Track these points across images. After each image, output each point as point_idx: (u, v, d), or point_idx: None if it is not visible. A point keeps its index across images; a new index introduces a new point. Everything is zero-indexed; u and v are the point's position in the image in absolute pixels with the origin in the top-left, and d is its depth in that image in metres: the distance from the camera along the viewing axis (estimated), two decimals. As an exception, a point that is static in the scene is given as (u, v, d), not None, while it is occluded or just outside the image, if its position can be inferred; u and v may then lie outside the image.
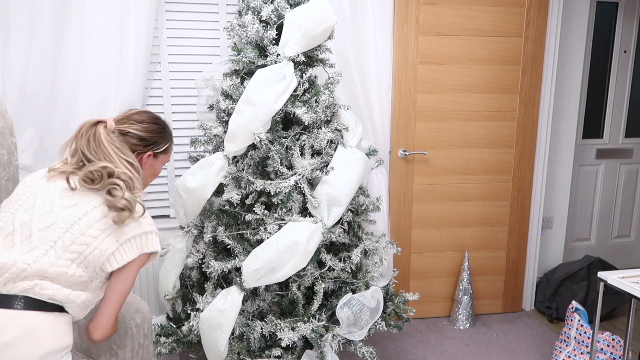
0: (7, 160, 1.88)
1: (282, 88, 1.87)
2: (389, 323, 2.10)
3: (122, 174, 1.33)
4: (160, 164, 1.57)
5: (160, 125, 1.53)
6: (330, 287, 2.04)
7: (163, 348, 2.01)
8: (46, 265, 1.26)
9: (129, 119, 1.46)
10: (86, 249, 1.28)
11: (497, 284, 3.09)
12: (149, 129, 1.48)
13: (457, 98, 2.83)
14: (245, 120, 1.86)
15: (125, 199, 1.29)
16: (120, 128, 1.43)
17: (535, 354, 2.66)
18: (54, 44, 2.26)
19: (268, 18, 1.96)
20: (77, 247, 1.28)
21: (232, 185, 1.98)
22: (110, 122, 1.41)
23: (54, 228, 1.28)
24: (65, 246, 1.27)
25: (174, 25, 2.55)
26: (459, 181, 2.93)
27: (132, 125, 1.45)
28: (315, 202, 1.91)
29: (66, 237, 1.28)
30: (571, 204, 3.43)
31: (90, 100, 2.34)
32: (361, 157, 2.05)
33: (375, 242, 2.13)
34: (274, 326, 1.86)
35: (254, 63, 1.99)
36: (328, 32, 2.02)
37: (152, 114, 1.53)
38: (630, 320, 2.00)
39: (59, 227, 1.28)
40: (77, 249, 1.28)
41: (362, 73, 2.65)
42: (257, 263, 1.81)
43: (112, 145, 1.36)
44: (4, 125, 1.86)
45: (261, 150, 1.93)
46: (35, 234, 1.28)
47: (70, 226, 1.28)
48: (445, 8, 2.71)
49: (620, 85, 3.46)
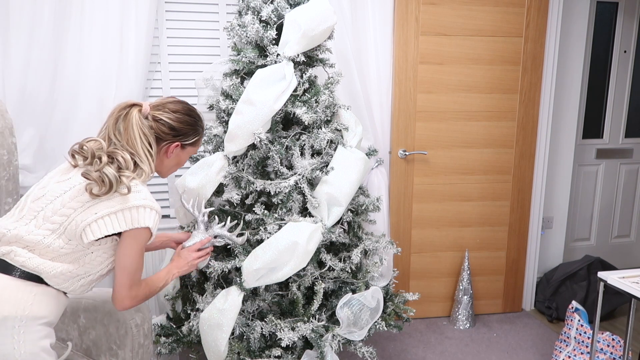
0: (7, 160, 1.88)
1: (282, 88, 1.87)
2: (389, 323, 2.10)
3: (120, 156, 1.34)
4: (187, 155, 1.57)
5: (194, 117, 1.53)
6: (330, 287, 2.04)
7: (163, 348, 2.01)
8: (23, 232, 1.30)
9: (163, 107, 1.47)
10: (65, 220, 1.30)
11: (497, 284, 3.09)
12: (181, 120, 1.48)
13: (457, 98, 2.83)
14: (245, 120, 1.86)
15: (98, 172, 1.28)
16: (154, 114, 1.44)
17: (535, 354, 2.66)
18: (54, 44, 2.26)
19: (268, 18, 1.95)
20: (58, 217, 1.30)
21: (232, 185, 1.98)
22: (145, 105, 1.43)
23: (43, 199, 1.33)
24: (47, 216, 1.31)
25: (174, 25, 2.55)
26: (459, 181, 2.93)
27: (165, 113, 1.46)
28: (315, 202, 1.91)
29: (49, 208, 1.32)
30: (571, 204, 3.43)
31: (90, 100, 2.34)
32: (361, 157, 2.05)
33: (375, 242, 2.13)
34: (274, 326, 1.86)
35: (254, 63, 1.99)
36: (328, 32, 2.02)
37: (187, 105, 1.53)
38: (630, 320, 2.00)
39: (47, 198, 1.33)
40: (57, 219, 1.31)
41: (362, 73, 2.65)
42: (257, 263, 1.81)
43: (140, 131, 1.38)
44: (4, 125, 1.86)
45: (261, 150, 1.93)
46: (27, 205, 1.35)
47: (55, 198, 1.32)
48: (445, 8, 2.71)
49: (620, 85, 3.46)
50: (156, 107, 1.46)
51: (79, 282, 1.37)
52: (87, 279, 1.39)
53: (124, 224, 1.32)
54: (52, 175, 1.41)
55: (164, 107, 1.47)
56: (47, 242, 1.30)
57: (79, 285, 1.38)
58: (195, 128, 1.54)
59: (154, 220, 1.36)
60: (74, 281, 1.36)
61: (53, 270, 1.30)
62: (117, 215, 1.31)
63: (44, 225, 1.31)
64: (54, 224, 1.31)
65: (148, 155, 1.40)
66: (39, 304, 1.29)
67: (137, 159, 1.38)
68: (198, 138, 1.57)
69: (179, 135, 1.49)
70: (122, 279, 1.38)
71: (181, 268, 1.64)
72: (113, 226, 1.31)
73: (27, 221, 1.33)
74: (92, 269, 1.38)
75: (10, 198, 1.92)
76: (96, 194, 1.28)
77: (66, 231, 1.31)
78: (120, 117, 1.38)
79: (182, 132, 1.49)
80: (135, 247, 1.37)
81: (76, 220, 1.30)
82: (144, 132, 1.39)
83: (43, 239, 1.30)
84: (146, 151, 1.39)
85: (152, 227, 1.36)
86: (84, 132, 2.35)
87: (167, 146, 1.48)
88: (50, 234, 1.31)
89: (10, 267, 1.29)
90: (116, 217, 1.31)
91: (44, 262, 1.30)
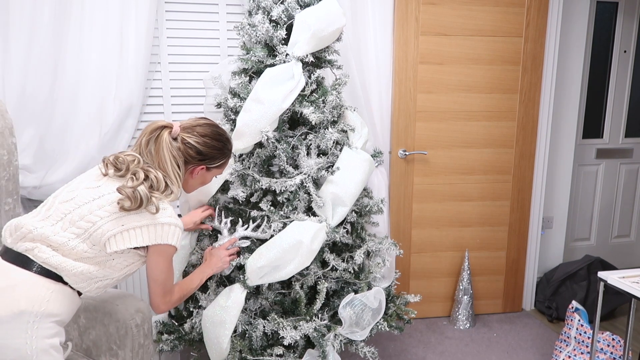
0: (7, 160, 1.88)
1: (291, 87, 1.88)
2: (391, 324, 2.10)
3: (153, 175, 1.39)
4: (211, 176, 1.62)
5: (222, 142, 1.57)
6: (332, 286, 2.04)
7: (165, 345, 2.01)
8: (49, 232, 1.34)
9: (192, 130, 1.50)
10: (91, 226, 1.34)
11: (497, 284, 3.09)
12: (209, 145, 1.52)
13: (457, 98, 2.83)
14: (253, 118, 1.87)
15: (132, 189, 1.33)
16: (184, 137, 1.48)
17: (535, 354, 2.66)
18: (54, 44, 2.26)
19: (278, 18, 1.96)
20: (84, 223, 1.34)
21: (238, 183, 1.99)
22: (176, 127, 1.47)
23: (71, 203, 1.37)
24: (73, 220, 1.35)
25: (174, 25, 2.54)
26: (459, 181, 2.93)
27: (194, 137, 1.49)
28: (321, 201, 1.91)
29: (76, 212, 1.36)
30: (571, 204, 3.44)
31: (90, 100, 2.34)
32: (366, 158, 2.06)
33: (378, 244, 2.14)
34: (277, 324, 1.86)
35: (263, 62, 1.99)
36: (337, 34, 2.03)
37: (216, 130, 1.56)
38: (630, 320, 2.00)
39: (75, 202, 1.37)
40: (83, 225, 1.34)
41: (362, 73, 2.65)
42: (261, 261, 1.81)
43: (170, 154, 1.43)
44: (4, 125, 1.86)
45: (268, 149, 1.95)
46: (55, 206, 1.39)
47: (84, 204, 1.36)
48: (445, 8, 2.71)
49: (620, 85, 3.46)
50: (186, 129, 1.49)
51: (96, 284, 1.41)
52: (104, 282, 1.42)
53: (148, 239, 1.38)
54: (82, 179, 1.45)
55: (193, 130, 1.50)
56: (71, 245, 1.34)
57: (95, 287, 1.42)
58: (223, 152, 1.58)
59: (178, 237, 1.43)
60: (91, 282, 1.39)
61: (74, 269, 1.33)
62: (142, 229, 1.37)
63: (70, 228, 1.35)
64: (79, 229, 1.35)
65: (177, 178, 1.45)
66: (55, 301, 1.32)
67: (168, 181, 1.43)
68: (224, 161, 1.61)
69: (206, 159, 1.53)
70: (155, 289, 1.48)
71: (214, 266, 1.77)
72: (137, 240, 1.36)
73: (53, 222, 1.36)
74: (112, 273, 1.42)
75: (10, 198, 1.92)
76: (126, 209, 1.33)
77: (91, 237, 1.34)
78: (151, 139, 1.43)
79: (208, 156, 1.53)
80: (162, 261, 1.44)
81: (102, 228, 1.34)
82: (174, 154, 1.44)
83: (68, 242, 1.34)
84: (176, 173, 1.45)
85: (176, 244, 1.43)
86: (84, 132, 2.35)
87: (192, 168, 1.53)
88: (75, 237, 1.35)
89: (30, 262, 1.32)
90: (141, 232, 1.37)
91: (66, 260, 1.33)
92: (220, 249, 1.82)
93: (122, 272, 1.44)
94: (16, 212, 1.94)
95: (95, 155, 2.34)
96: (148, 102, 2.57)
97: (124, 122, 2.41)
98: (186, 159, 1.49)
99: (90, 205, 1.36)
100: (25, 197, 2.29)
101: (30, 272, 1.31)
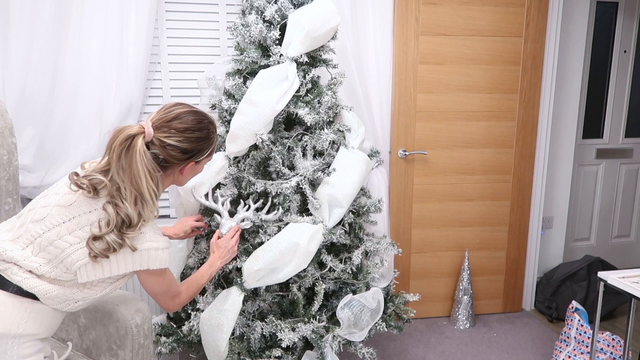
0: (7, 160, 1.88)
1: (285, 89, 1.86)
2: (390, 324, 2.10)
3: (123, 211, 1.21)
4: (202, 166, 1.43)
5: (206, 129, 1.34)
6: (330, 287, 2.04)
7: (163, 348, 2.01)
8: (19, 257, 1.24)
9: (169, 127, 1.26)
10: (60, 252, 1.23)
11: (497, 284, 3.09)
12: (192, 139, 1.29)
13: (457, 98, 2.83)
14: (247, 121, 1.85)
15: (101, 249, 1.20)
16: (160, 137, 1.24)
17: (535, 354, 2.66)
18: (54, 44, 2.26)
19: (271, 18, 1.95)
20: (53, 249, 1.23)
21: (230, 185, 1.98)
22: (148, 129, 1.23)
23: (41, 224, 1.25)
24: (43, 245, 1.24)
25: (174, 25, 2.54)
26: (459, 181, 2.93)
27: (172, 136, 1.26)
28: (317, 203, 1.90)
29: (45, 236, 1.24)
30: (571, 204, 3.43)
31: (90, 100, 2.34)
32: (363, 158, 2.05)
33: (376, 244, 2.13)
34: (275, 327, 1.86)
35: (257, 63, 1.98)
36: (332, 33, 2.02)
37: (196, 116, 1.32)
38: (630, 320, 2.00)
39: (45, 225, 1.25)
40: (52, 250, 1.23)
41: (362, 73, 2.65)
42: (258, 264, 1.80)
43: (145, 169, 1.21)
44: (4, 125, 1.86)
45: (263, 151, 1.93)
46: (26, 225, 1.27)
47: (54, 226, 1.24)
48: (445, 8, 2.71)
49: (620, 85, 3.46)
50: (161, 127, 1.25)
51: (76, 304, 1.31)
52: (84, 302, 1.32)
53: (125, 267, 1.26)
54: (57, 190, 1.30)
55: (169, 127, 1.26)
56: (43, 270, 1.24)
57: (76, 306, 1.32)
58: (209, 139, 1.36)
59: (162, 259, 1.29)
60: (70, 302, 1.29)
61: (49, 292, 1.24)
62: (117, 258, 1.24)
63: (40, 253, 1.24)
64: (49, 254, 1.24)
65: (153, 197, 1.24)
66: (34, 321, 1.25)
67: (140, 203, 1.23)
68: (213, 147, 1.40)
69: (193, 155, 1.32)
70: (160, 300, 1.41)
71: (224, 257, 1.68)
72: (111, 270, 1.25)
73: (23, 245, 1.25)
74: (91, 295, 1.31)
75: (10, 198, 1.92)
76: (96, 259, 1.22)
77: (62, 263, 1.23)
78: (123, 151, 1.19)
79: (195, 150, 1.31)
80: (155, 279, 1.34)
81: (72, 257, 1.22)
82: (149, 168, 1.21)
83: (39, 267, 1.23)
84: (151, 191, 1.23)
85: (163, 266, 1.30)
86: (83, 132, 2.35)
87: (181, 167, 1.33)
88: (46, 263, 1.24)
89: (6, 282, 1.23)
90: (116, 260, 1.24)
91: (41, 283, 1.23)
92: (227, 238, 1.72)
93: (106, 291, 1.32)
94: (16, 212, 1.95)
95: (95, 155, 2.34)
96: (148, 102, 2.57)
97: (124, 122, 2.41)
98: (169, 161, 1.28)
99: (60, 229, 1.23)
100: (25, 197, 2.30)
101: (6, 292, 1.22)
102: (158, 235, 1.30)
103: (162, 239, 1.30)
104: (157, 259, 1.28)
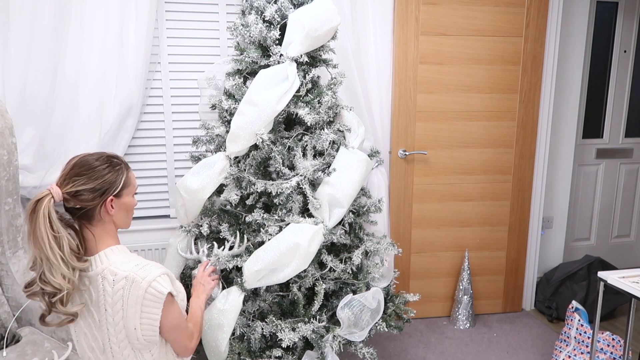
0: (7, 160, 1.88)
1: (285, 89, 1.86)
2: (390, 324, 2.10)
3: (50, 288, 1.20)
4: (129, 198, 1.36)
5: (104, 162, 1.31)
6: (330, 287, 2.04)
7: (163, 348, 2.01)
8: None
9: (70, 178, 1.26)
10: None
11: (497, 283, 3.09)
12: (95, 176, 1.27)
13: (457, 98, 2.83)
14: (247, 121, 1.85)
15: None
16: (68, 190, 1.24)
17: (535, 354, 2.66)
18: (54, 44, 2.26)
19: (271, 18, 1.95)
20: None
21: (232, 186, 1.97)
22: (55, 190, 1.23)
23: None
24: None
25: (174, 25, 2.54)
26: (459, 181, 2.93)
27: (76, 182, 1.25)
28: (317, 203, 1.90)
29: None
30: (571, 204, 3.43)
31: (90, 100, 2.34)
32: (363, 158, 2.05)
33: (376, 244, 2.13)
34: (275, 327, 1.86)
35: (257, 63, 1.98)
36: (331, 33, 2.02)
37: (90, 156, 1.31)
38: (630, 320, 2.00)
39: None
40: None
41: (362, 73, 2.65)
42: (258, 264, 1.81)
43: (49, 232, 1.19)
44: (4, 125, 1.86)
45: (263, 151, 1.93)
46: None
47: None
48: (445, 8, 2.71)
49: (620, 85, 3.46)
50: (64, 182, 1.26)
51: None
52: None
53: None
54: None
55: (71, 176, 1.26)
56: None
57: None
58: (116, 169, 1.32)
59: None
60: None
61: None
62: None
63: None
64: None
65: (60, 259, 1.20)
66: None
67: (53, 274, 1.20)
68: (126, 175, 1.34)
69: (106, 191, 1.29)
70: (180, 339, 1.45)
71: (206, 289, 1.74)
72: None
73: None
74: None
75: (10, 198, 1.92)
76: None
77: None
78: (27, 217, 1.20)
79: (106, 185, 1.29)
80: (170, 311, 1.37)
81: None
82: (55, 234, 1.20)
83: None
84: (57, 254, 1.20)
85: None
86: (83, 132, 2.35)
87: (101, 207, 1.29)
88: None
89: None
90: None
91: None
92: (199, 275, 1.78)
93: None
94: (16, 212, 1.95)
95: (95, 155, 2.34)
96: (148, 102, 2.57)
97: (124, 122, 2.41)
98: (87, 207, 1.26)
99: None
100: (25, 197, 2.29)
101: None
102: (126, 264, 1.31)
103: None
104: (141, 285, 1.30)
